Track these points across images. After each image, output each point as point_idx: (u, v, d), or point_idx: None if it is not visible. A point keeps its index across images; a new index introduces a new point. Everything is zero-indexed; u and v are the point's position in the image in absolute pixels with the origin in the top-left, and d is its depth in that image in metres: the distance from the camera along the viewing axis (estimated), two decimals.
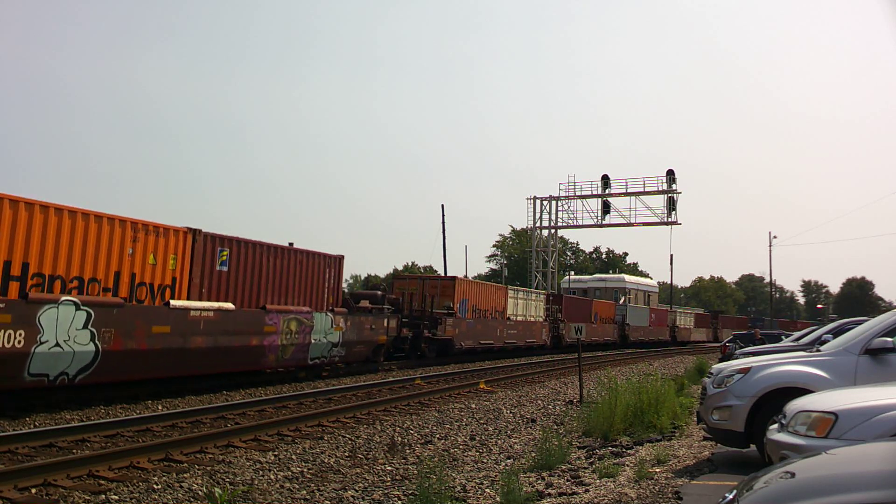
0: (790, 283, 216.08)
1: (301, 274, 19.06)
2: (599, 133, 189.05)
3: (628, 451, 9.98)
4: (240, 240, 17.07)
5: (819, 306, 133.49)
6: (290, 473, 8.61)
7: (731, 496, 3.43)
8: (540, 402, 16.70)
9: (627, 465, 8.79)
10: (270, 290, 17.95)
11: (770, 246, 64.12)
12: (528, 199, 55.34)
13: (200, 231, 15.79)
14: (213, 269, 16.17)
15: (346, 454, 9.88)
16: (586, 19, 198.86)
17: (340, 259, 20.87)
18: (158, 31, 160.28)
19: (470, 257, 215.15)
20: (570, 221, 55.30)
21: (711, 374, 9.18)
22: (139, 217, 14.46)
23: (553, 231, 56.80)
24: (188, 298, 15.37)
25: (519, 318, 36.02)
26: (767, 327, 76.40)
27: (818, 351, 8.70)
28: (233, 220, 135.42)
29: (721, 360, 19.00)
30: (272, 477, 8.39)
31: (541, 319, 38.63)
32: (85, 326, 12.76)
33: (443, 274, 49.96)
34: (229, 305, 16.36)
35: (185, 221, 16.33)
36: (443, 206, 70.67)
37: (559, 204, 54.78)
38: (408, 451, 10.32)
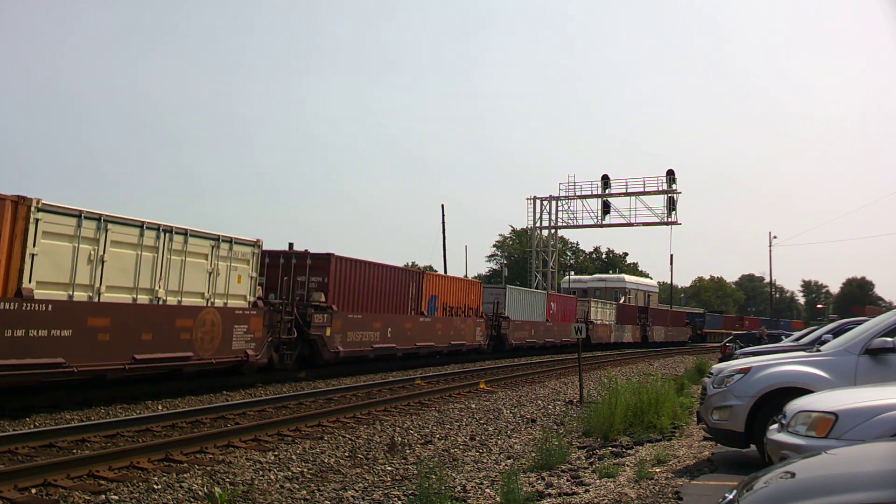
0: (790, 283, 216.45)
1: None
2: (599, 133, 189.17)
3: (628, 451, 9.97)
4: None
5: (819, 306, 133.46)
6: (290, 473, 8.61)
7: (731, 496, 3.43)
8: (540, 402, 16.70)
9: (627, 465, 8.78)
10: None
11: (770, 246, 64.14)
12: (528, 199, 55.40)
13: None
14: None
15: (346, 454, 9.87)
16: (587, 20, 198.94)
17: None
18: (158, 31, 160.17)
19: (470, 257, 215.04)
20: (570, 221, 55.34)
21: (711, 374, 9.20)
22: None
23: (553, 231, 56.82)
24: None
25: (144, 300, 14.12)
26: (710, 326, 75.64)
27: (818, 351, 8.70)
28: (233, 220, 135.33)
29: (721, 360, 19.00)
30: (272, 477, 8.39)
31: (244, 305, 16.77)
32: None
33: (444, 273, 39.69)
34: None
35: (186, 222, 15.61)
36: (443, 206, 70.56)
37: (559, 204, 54.81)
38: (408, 451, 10.32)
